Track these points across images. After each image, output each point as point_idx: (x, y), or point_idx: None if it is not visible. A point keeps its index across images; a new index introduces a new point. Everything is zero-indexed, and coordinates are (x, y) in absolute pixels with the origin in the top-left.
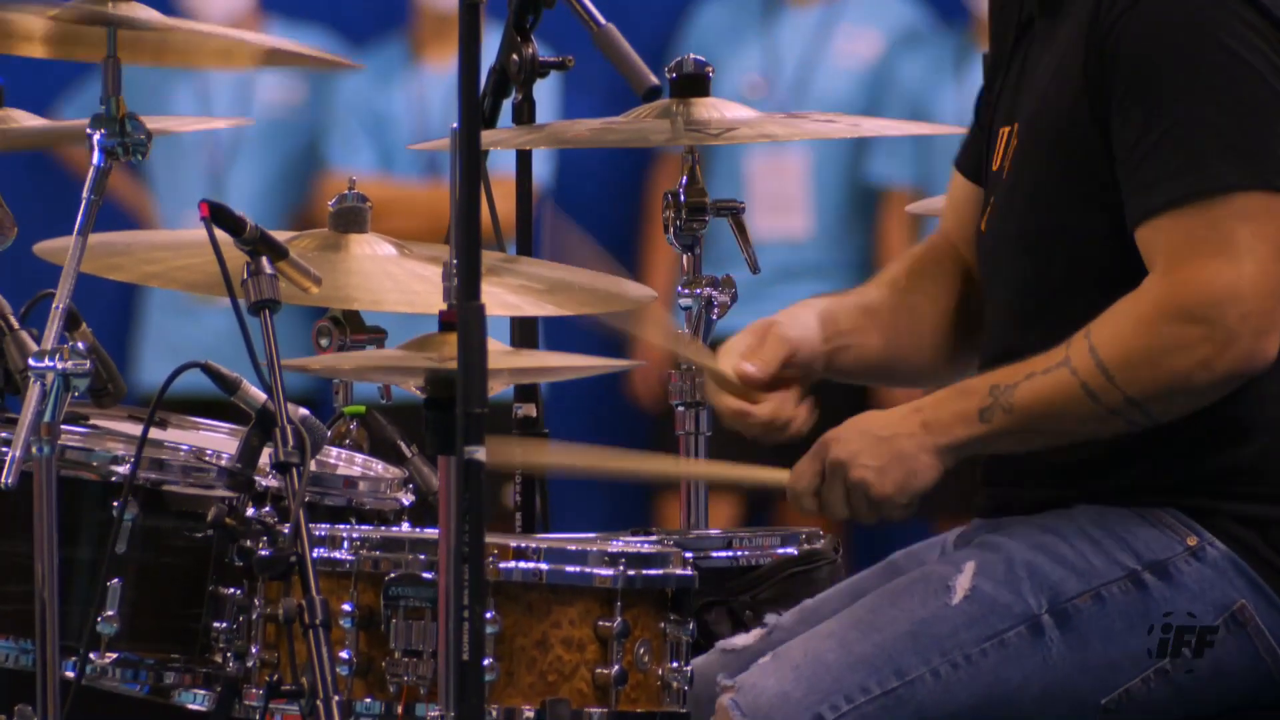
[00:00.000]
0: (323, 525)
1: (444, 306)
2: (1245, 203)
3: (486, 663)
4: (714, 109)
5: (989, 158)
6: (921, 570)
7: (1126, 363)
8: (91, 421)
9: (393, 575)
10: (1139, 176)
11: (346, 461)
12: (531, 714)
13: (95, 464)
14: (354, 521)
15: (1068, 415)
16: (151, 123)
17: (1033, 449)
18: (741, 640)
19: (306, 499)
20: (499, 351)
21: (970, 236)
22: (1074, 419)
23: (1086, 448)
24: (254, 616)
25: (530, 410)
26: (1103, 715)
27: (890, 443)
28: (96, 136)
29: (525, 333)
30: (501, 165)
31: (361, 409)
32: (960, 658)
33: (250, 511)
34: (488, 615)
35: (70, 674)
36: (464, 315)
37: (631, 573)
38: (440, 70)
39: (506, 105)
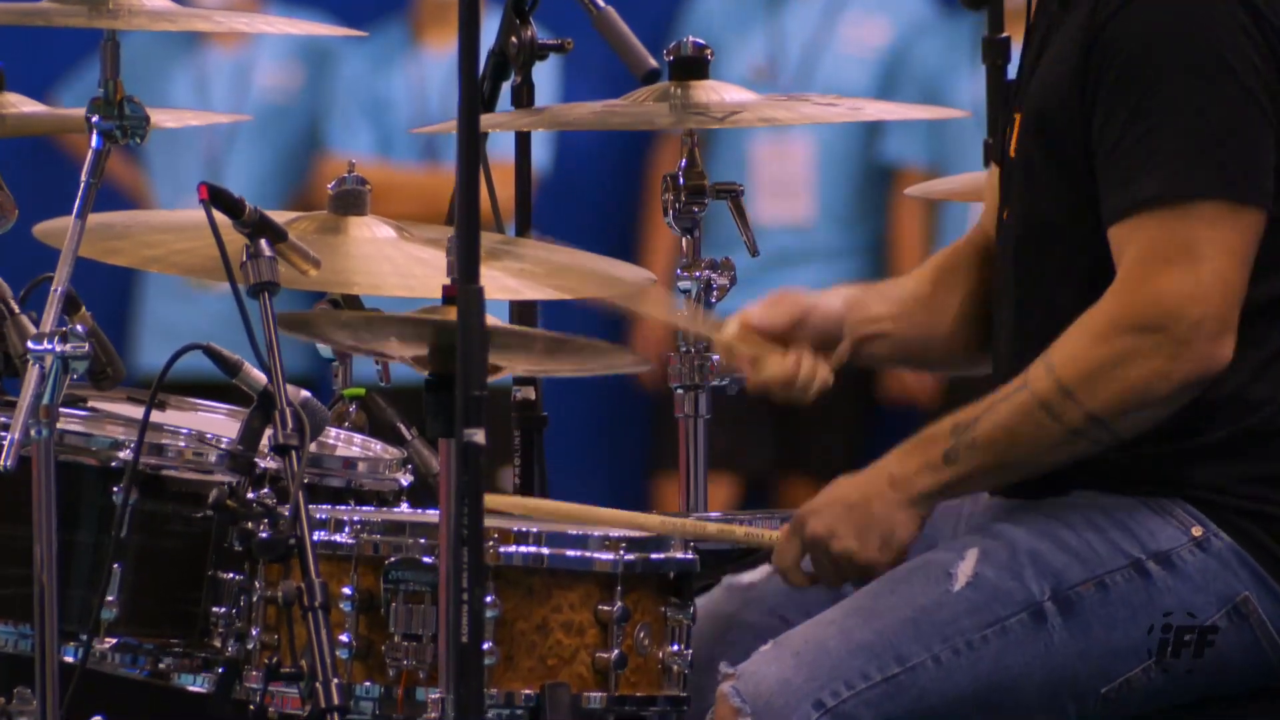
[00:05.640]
0: (323, 507)
1: (447, 281)
2: (1210, 210)
3: (486, 646)
4: (713, 91)
5: (1008, 144)
6: (923, 557)
7: (1084, 377)
8: (90, 404)
9: (393, 559)
10: (1115, 175)
11: (345, 442)
12: (531, 698)
13: (95, 449)
14: (353, 502)
15: (1031, 440)
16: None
17: (1008, 481)
18: (748, 577)
19: (306, 481)
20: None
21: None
22: (1037, 444)
23: None
24: (254, 599)
25: (529, 393)
26: (1102, 703)
27: (863, 508)
28: (95, 119)
29: (524, 316)
30: (501, 148)
31: (361, 391)
32: (962, 644)
33: (250, 494)
34: (488, 599)
35: (69, 659)
36: (463, 298)
37: (632, 557)
38: (440, 54)
39: (506, 88)
